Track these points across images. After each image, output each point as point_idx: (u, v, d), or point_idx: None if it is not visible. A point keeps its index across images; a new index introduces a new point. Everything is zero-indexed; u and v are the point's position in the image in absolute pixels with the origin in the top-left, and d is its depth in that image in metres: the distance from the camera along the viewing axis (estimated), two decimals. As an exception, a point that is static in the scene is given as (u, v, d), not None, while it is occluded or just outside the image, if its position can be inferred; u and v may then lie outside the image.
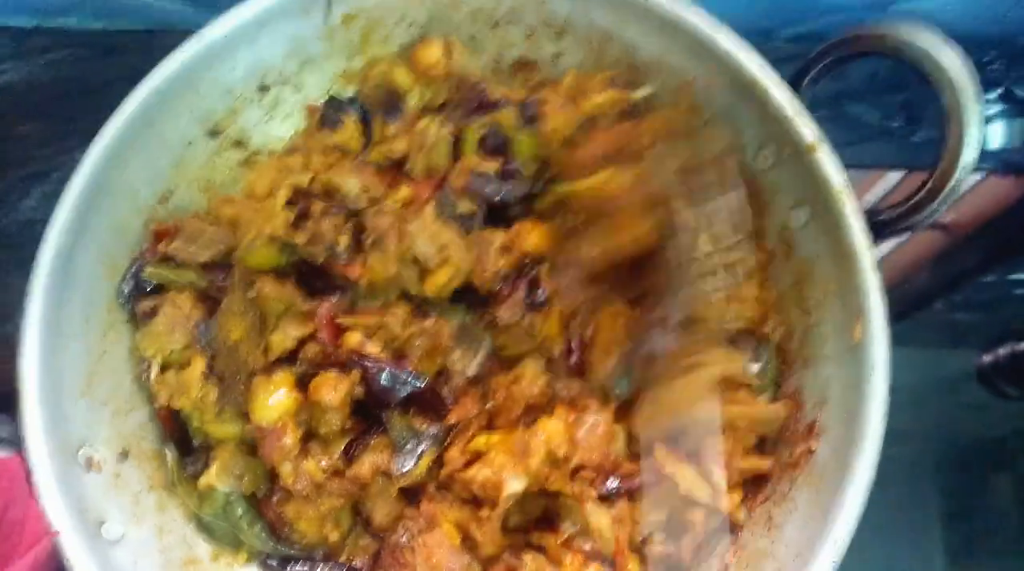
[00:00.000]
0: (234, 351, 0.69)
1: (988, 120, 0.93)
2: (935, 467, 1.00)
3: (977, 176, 0.90)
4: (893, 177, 1.05)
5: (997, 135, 0.94)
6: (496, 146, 0.73)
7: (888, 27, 0.60)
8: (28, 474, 0.61)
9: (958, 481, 1.01)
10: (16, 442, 0.63)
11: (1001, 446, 1.05)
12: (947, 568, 0.98)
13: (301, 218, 0.69)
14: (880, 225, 0.63)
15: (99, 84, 0.91)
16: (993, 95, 0.94)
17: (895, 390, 0.60)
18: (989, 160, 0.74)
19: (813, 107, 0.65)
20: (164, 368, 0.72)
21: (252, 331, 0.69)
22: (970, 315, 1.06)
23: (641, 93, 0.73)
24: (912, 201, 0.61)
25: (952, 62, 0.57)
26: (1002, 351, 0.98)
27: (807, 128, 0.65)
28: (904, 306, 0.60)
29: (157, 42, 0.91)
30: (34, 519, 0.58)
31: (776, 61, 0.66)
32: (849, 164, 0.64)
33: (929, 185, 0.59)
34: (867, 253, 0.62)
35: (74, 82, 0.92)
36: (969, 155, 0.57)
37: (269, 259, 0.69)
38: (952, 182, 0.58)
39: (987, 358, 0.99)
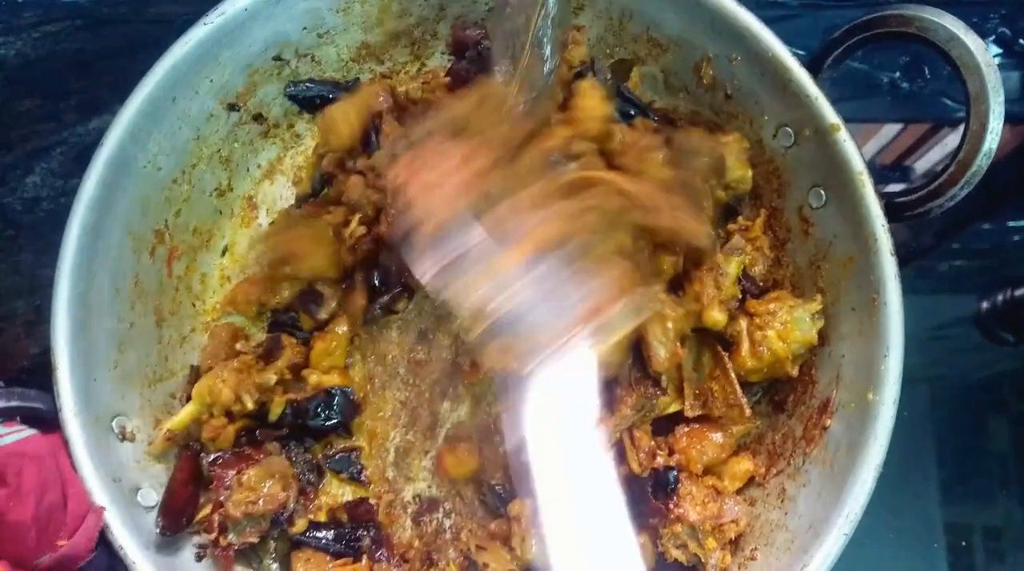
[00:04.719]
0: None
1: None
2: (930, 408, 1.01)
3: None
4: (889, 130, 1.05)
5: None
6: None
7: (913, 10, 0.60)
8: (65, 445, 0.63)
9: (952, 421, 1.02)
10: (48, 415, 0.65)
11: (996, 388, 1.05)
12: (942, 508, 0.99)
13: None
14: (898, 208, 0.64)
15: (94, 56, 0.90)
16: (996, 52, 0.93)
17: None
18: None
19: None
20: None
21: None
22: (968, 262, 1.06)
23: None
24: (932, 186, 0.62)
25: (978, 48, 0.57)
26: (999, 297, 0.99)
27: (828, 109, 0.65)
28: (903, 254, 0.60)
29: (151, 11, 0.91)
30: (75, 497, 0.60)
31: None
32: (849, 118, 0.64)
33: (951, 169, 0.60)
34: (884, 237, 0.63)
35: (69, 55, 0.90)
36: (990, 142, 0.58)
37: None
38: (974, 168, 0.59)
39: (984, 304, 1.00)
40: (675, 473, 0.66)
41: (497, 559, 0.69)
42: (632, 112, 0.77)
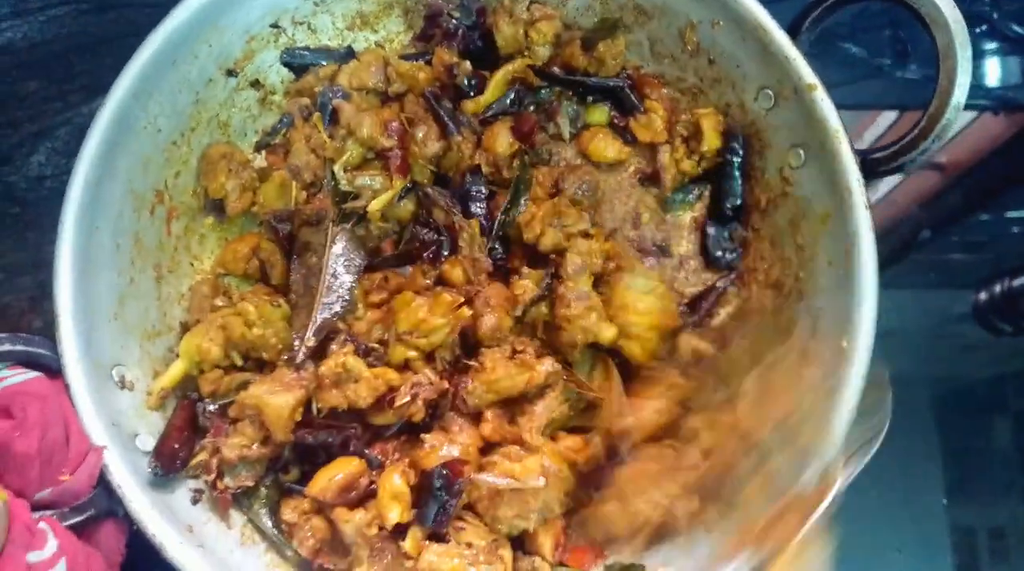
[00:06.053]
0: None
1: (983, 57, 0.94)
2: (933, 408, 1.02)
3: (971, 115, 0.92)
4: (885, 119, 1.07)
5: (993, 73, 0.95)
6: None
7: (886, -31, 0.62)
8: (66, 389, 0.65)
9: (955, 421, 1.03)
10: (51, 363, 0.67)
11: (998, 386, 1.07)
12: (945, 507, 1.00)
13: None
14: (873, 163, 0.66)
15: (98, 40, 0.93)
16: (980, 29, 0.94)
17: (890, 334, 0.63)
18: (985, 98, 0.75)
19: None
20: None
21: None
22: (964, 255, 1.07)
23: None
24: (904, 140, 0.64)
25: (946, 4, 0.59)
26: (997, 288, 0.99)
27: (806, 69, 0.68)
28: (900, 246, 0.62)
29: (155, -4, 0.93)
30: (77, 436, 0.62)
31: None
32: (841, 104, 0.67)
33: (922, 124, 0.62)
34: (859, 190, 0.65)
35: (74, 38, 0.93)
36: (959, 95, 0.60)
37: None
38: (943, 121, 0.61)
39: (982, 296, 1.01)
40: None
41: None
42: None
